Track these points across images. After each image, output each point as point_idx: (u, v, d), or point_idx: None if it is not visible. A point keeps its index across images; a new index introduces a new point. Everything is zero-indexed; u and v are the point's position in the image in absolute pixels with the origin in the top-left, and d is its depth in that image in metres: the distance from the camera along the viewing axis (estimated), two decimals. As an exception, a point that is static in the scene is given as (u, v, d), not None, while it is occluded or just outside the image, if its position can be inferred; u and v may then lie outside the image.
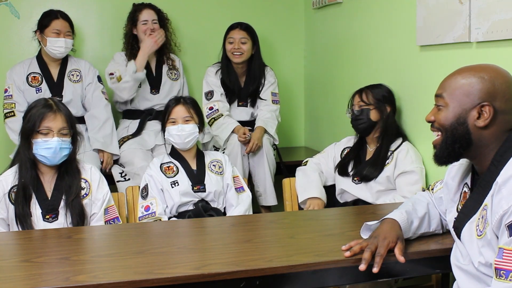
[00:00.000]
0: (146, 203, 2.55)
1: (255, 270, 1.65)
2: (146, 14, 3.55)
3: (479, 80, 1.50)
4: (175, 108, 2.65)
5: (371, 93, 2.74)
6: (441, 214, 1.88)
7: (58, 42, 3.34)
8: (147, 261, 1.72)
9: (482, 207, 1.48)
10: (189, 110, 2.64)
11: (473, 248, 1.49)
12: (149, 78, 3.59)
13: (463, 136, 1.52)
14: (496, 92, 1.48)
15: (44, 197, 2.25)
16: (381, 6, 3.05)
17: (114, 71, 3.50)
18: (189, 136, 2.62)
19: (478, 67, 1.55)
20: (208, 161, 2.71)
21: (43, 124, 2.20)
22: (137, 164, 3.26)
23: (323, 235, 1.99)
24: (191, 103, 2.68)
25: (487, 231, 1.43)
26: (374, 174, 2.65)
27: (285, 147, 4.05)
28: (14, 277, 1.61)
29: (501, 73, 1.52)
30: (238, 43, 3.48)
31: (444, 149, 1.56)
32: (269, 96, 3.58)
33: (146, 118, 3.56)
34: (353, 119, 2.75)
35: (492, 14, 2.13)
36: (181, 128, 2.61)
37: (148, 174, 2.63)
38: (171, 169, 2.64)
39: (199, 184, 2.62)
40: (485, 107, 1.48)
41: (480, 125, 1.49)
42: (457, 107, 1.52)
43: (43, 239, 2.02)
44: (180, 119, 2.63)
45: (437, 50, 2.54)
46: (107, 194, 2.36)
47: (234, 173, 2.75)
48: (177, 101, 2.67)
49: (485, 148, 1.51)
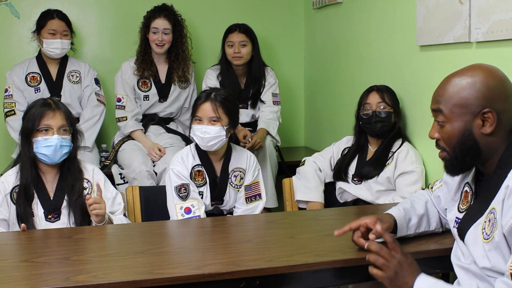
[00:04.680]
0: (187, 204, 2.40)
1: (255, 270, 1.65)
2: (158, 23, 3.41)
3: (472, 87, 1.46)
4: (202, 105, 2.41)
5: (389, 94, 2.71)
6: (440, 212, 1.88)
7: (54, 43, 3.35)
8: (147, 261, 1.72)
9: (489, 211, 1.45)
10: (217, 109, 2.39)
11: (478, 250, 1.47)
12: (157, 86, 3.52)
13: (472, 148, 1.48)
14: (493, 95, 1.45)
15: (46, 197, 2.25)
16: (381, 6, 3.05)
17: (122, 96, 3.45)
18: (213, 139, 2.40)
19: (466, 73, 1.50)
20: (231, 169, 2.52)
21: (43, 122, 2.20)
22: (135, 169, 3.20)
23: (323, 235, 1.99)
24: (222, 101, 2.40)
25: (495, 235, 1.40)
26: (374, 173, 2.65)
27: (285, 147, 4.04)
28: (14, 277, 1.61)
29: (490, 73, 1.48)
30: (238, 47, 3.46)
31: (455, 165, 1.53)
32: (270, 97, 3.57)
33: (149, 122, 3.55)
34: (375, 121, 2.66)
35: (492, 14, 2.13)
36: (204, 130, 2.39)
37: (182, 175, 2.45)
38: (201, 175, 2.48)
39: (218, 199, 2.52)
40: (487, 113, 1.45)
41: (487, 132, 1.46)
42: (459, 121, 1.48)
43: (43, 239, 2.02)
44: (206, 119, 2.39)
45: (437, 50, 2.54)
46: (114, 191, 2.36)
47: (255, 179, 2.56)
48: (206, 97, 2.42)
49: (494, 152, 1.49)
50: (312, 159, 2.91)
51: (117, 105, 3.46)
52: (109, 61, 3.87)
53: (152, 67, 3.49)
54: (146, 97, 3.50)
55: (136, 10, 3.65)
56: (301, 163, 2.92)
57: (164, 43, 3.43)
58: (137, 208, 2.60)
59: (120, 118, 3.45)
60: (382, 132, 2.69)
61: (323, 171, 2.86)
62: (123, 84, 3.48)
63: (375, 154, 2.71)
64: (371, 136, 2.74)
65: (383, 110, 2.68)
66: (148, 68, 3.47)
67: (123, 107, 3.46)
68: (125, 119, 3.44)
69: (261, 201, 2.56)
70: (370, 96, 2.72)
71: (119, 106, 3.46)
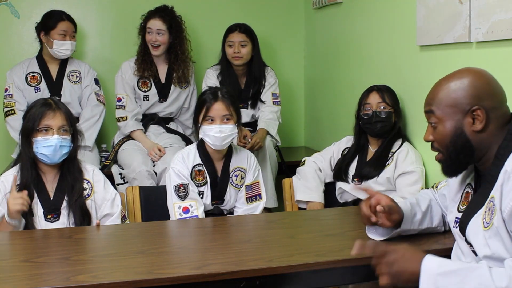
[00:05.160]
0: (185, 204, 2.41)
1: (255, 270, 1.65)
2: (152, 23, 3.42)
3: (461, 88, 1.53)
4: (214, 104, 2.39)
5: (390, 94, 2.71)
6: (443, 211, 1.89)
7: (65, 45, 3.37)
8: (147, 261, 1.72)
9: (489, 200, 1.49)
10: (229, 107, 2.40)
11: (479, 240, 1.49)
12: (157, 87, 3.52)
13: (464, 145, 1.54)
14: (480, 93, 1.52)
15: (46, 197, 2.25)
16: (381, 6, 3.05)
17: (122, 96, 3.45)
18: (228, 137, 2.42)
19: (454, 75, 1.58)
20: (232, 169, 2.53)
21: (43, 122, 2.20)
22: (135, 169, 3.20)
23: (323, 235, 1.99)
24: (230, 98, 2.41)
25: (494, 221, 1.43)
26: (374, 174, 2.65)
27: (285, 147, 4.04)
28: (14, 277, 1.61)
29: (477, 74, 1.56)
30: (238, 47, 3.46)
31: (450, 164, 1.59)
32: (270, 97, 3.57)
33: (149, 122, 3.54)
34: (375, 121, 2.66)
35: (492, 14, 2.13)
36: (219, 130, 2.38)
37: (182, 174, 2.46)
38: (201, 175, 2.48)
39: (219, 199, 2.53)
40: (476, 110, 1.51)
41: (477, 129, 1.52)
42: (450, 120, 1.55)
43: (44, 239, 2.02)
44: (219, 118, 2.39)
45: (437, 50, 2.54)
46: (113, 192, 2.35)
47: (255, 179, 2.58)
48: (215, 96, 2.40)
49: (488, 149, 1.53)
50: (312, 159, 2.91)
51: (117, 105, 3.46)
52: (109, 61, 3.87)
53: (152, 67, 3.48)
54: (146, 97, 3.50)
55: (136, 10, 3.64)
56: (301, 163, 2.92)
57: (158, 44, 3.42)
58: (137, 208, 2.60)
59: (120, 118, 3.45)
60: (382, 132, 2.69)
61: (323, 171, 2.86)
62: (123, 84, 3.48)
63: (375, 154, 2.71)
64: (371, 136, 2.74)
65: (383, 110, 2.67)
66: (148, 68, 3.46)
67: (123, 107, 3.45)
68: (125, 119, 3.44)
69: (262, 201, 2.57)
70: (371, 96, 2.72)
71: (119, 106, 3.46)
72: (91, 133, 3.43)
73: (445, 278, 1.39)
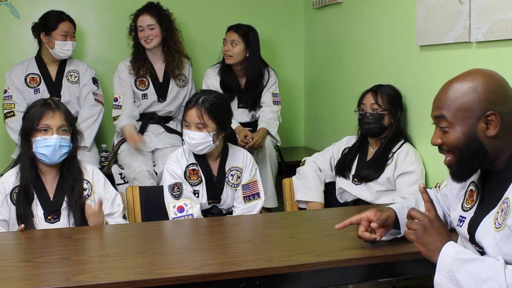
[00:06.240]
0: (180, 203, 2.41)
1: (255, 270, 1.65)
2: (141, 20, 3.44)
3: (474, 91, 1.48)
4: (189, 110, 2.41)
5: (386, 96, 2.69)
6: (445, 211, 1.88)
7: (66, 45, 3.38)
8: (147, 261, 1.72)
9: (502, 201, 1.47)
10: (202, 116, 2.37)
11: (489, 241, 1.48)
12: (155, 85, 3.52)
13: (478, 151, 1.50)
14: (494, 98, 1.48)
15: (46, 198, 2.25)
16: (381, 6, 3.05)
17: (118, 95, 3.47)
18: (200, 145, 2.41)
19: (466, 77, 1.52)
20: (228, 168, 2.53)
21: (42, 122, 2.20)
22: (136, 169, 3.21)
23: (323, 235, 1.99)
24: (209, 107, 2.39)
25: (507, 222, 1.42)
26: (374, 176, 2.64)
27: (285, 147, 4.04)
28: (14, 277, 1.61)
29: (490, 77, 1.51)
30: (229, 45, 3.48)
31: (462, 168, 1.55)
32: (270, 97, 3.57)
33: (148, 121, 3.54)
34: (365, 122, 2.68)
35: (492, 14, 2.13)
36: (191, 136, 2.40)
37: (176, 174, 2.47)
38: (195, 174, 2.48)
39: (215, 198, 2.53)
40: (490, 116, 1.47)
41: (491, 134, 1.48)
42: (464, 125, 1.50)
43: (43, 239, 2.02)
44: (193, 125, 2.40)
45: (437, 50, 2.54)
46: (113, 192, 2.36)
47: (252, 178, 2.56)
48: (194, 103, 2.41)
49: (501, 152, 1.51)
50: (312, 159, 2.91)
51: (114, 104, 3.48)
52: (109, 61, 3.87)
53: (146, 64, 3.50)
54: (145, 95, 3.50)
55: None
56: (301, 163, 2.92)
57: (151, 38, 3.45)
58: (137, 208, 2.60)
59: (116, 117, 3.45)
60: (372, 134, 2.69)
61: (323, 171, 2.86)
62: (120, 83, 3.50)
63: (375, 155, 2.71)
64: (367, 136, 2.75)
65: (373, 112, 2.67)
66: (142, 66, 3.48)
67: (119, 106, 3.47)
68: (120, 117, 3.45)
69: (260, 200, 2.56)
70: (366, 97, 2.74)
71: (116, 106, 3.47)
72: (89, 133, 3.43)
73: (460, 263, 1.43)
